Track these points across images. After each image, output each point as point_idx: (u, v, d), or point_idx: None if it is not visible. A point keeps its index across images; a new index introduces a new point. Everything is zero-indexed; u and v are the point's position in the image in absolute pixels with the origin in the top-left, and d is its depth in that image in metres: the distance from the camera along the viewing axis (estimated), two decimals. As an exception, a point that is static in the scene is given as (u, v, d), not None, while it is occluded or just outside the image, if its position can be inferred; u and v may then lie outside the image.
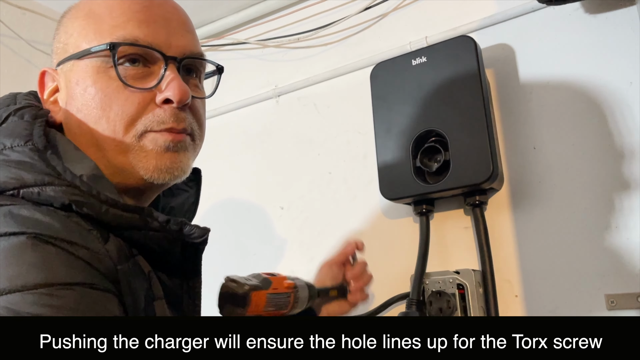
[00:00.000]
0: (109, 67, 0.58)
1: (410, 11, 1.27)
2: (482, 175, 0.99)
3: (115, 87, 0.58)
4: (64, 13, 0.65)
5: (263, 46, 1.50)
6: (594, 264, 0.97)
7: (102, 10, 0.60)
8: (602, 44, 1.03)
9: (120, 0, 0.61)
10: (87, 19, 0.61)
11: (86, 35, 0.60)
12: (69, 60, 0.60)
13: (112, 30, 0.59)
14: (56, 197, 0.50)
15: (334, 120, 1.34)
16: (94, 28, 0.60)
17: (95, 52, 0.58)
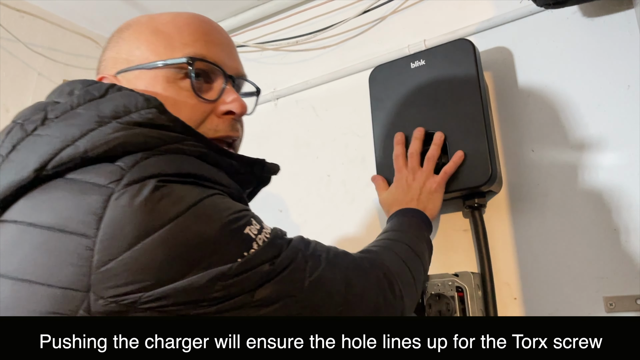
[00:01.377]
0: (179, 78, 0.67)
1: (408, 14, 1.28)
2: (481, 178, 0.99)
3: (184, 96, 0.67)
4: (122, 28, 0.72)
5: (261, 49, 1.50)
6: (592, 267, 0.97)
7: (170, 30, 0.69)
8: (600, 47, 1.03)
9: (186, 23, 0.70)
10: (155, 36, 0.69)
11: (155, 50, 0.68)
12: (136, 69, 0.68)
13: (182, 48, 0.68)
14: (192, 150, 0.60)
15: (333, 123, 1.34)
16: (164, 44, 0.68)
17: (170, 64, 0.67)
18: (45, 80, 1.44)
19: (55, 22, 1.47)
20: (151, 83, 0.67)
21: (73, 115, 0.57)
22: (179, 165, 0.56)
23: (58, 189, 0.53)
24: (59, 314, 0.48)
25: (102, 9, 1.48)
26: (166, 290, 0.49)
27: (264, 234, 0.58)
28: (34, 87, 1.41)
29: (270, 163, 0.74)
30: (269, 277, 0.55)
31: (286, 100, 1.43)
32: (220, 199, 0.57)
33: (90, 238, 0.49)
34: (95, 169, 0.54)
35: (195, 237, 0.52)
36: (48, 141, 0.55)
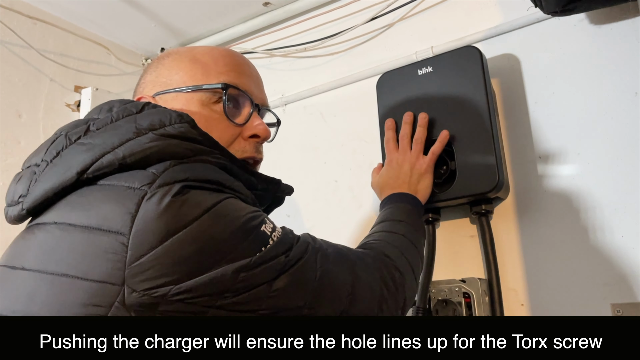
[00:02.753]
0: (213, 102, 0.75)
1: (416, 21, 1.28)
2: (488, 184, 0.99)
3: (216, 118, 0.74)
4: (163, 56, 0.80)
5: (270, 55, 1.51)
6: (599, 273, 0.96)
7: (207, 59, 0.77)
8: (607, 54, 1.03)
9: (222, 55, 0.78)
10: (193, 63, 0.76)
11: (193, 75, 0.75)
12: (173, 92, 0.75)
13: (217, 75, 0.75)
14: (217, 162, 0.66)
15: (340, 128, 1.34)
16: (201, 71, 0.75)
17: (206, 88, 0.74)
18: (57, 86, 1.46)
19: (67, 28, 1.49)
20: (186, 104, 0.74)
21: (113, 127, 0.64)
22: (204, 173, 0.61)
23: (95, 192, 0.59)
24: (96, 305, 0.53)
25: (113, 16, 1.50)
26: (194, 283, 0.54)
27: (277, 231, 0.63)
28: (46, 93, 1.43)
29: (285, 184, 0.80)
30: (285, 268, 0.60)
31: (294, 106, 1.44)
32: (236, 201, 0.62)
33: (125, 235, 0.54)
34: (130, 175, 0.59)
35: (218, 234, 0.57)
36: (90, 148, 0.61)
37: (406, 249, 0.84)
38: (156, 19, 1.52)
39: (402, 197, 0.97)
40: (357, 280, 0.68)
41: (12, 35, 1.36)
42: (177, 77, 0.76)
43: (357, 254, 0.73)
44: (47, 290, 0.55)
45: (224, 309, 0.56)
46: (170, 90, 0.75)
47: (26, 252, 0.59)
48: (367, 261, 0.74)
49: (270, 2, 1.45)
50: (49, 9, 1.45)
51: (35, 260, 0.57)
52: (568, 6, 0.95)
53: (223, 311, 0.56)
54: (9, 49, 1.36)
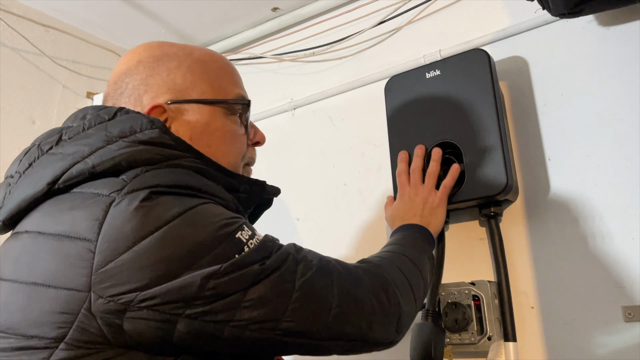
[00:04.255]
0: (231, 114, 0.76)
1: (424, 25, 1.29)
2: (497, 187, 0.99)
3: (236, 130, 0.76)
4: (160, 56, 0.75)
5: (279, 60, 1.52)
6: (610, 276, 0.96)
7: (216, 69, 0.77)
8: (615, 56, 1.03)
9: (225, 64, 0.79)
10: (207, 74, 0.75)
11: (211, 87, 0.75)
12: (194, 102, 0.73)
13: (232, 88, 0.77)
14: (191, 166, 0.65)
15: (349, 132, 1.35)
16: (219, 83, 0.76)
17: (231, 102, 0.76)
18: (69, 92, 1.48)
19: (79, 36, 1.51)
20: (212, 117, 0.74)
21: (84, 135, 0.63)
22: (176, 177, 0.60)
23: (66, 201, 0.59)
24: (66, 313, 0.53)
25: (124, 22, 1.51)
26: (161, 289, 0.52)
27: (255, 239, 0.60)
28: (59, 99, 1.45)
29: (271, 186, 0.78)
30: (260, 277, 0.57)
31: (303, 110, 1.45)
32: (213, 206, 0.60)
33: (92, 242, 0.54)
34: (101, 182, 0.59)
35: (188, 239, 0.55)
36: (61, 158, 0.61)
37: (407, 269, 0.79)
38: (166, 25, 1.53)
39: (412, 227, 0.95)
40: (343, 294, 0.63)
41: (26, 43, 1.38)
42: (195, 86, 0.74)
43: (347, 267, 0.69)
44: (22, 299, 0.55)
45: (195, 319, 0.54)
46: (190, 101, 0.73)
47: (3, 262, 0.60)
48: (358, 274, 0.69)
49: (278, 7, 1.46)
50: (61, 16, 1.47)
51: (10, 270, 0.58)
52: (576, 8, 0.95)
53: (194, 321, 0.54)
54: (23, 56, 1.38)
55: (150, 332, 0.53)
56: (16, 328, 0.54)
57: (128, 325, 0.53)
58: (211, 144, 0.72)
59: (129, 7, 1.43)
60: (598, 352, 0.94)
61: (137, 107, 0.71)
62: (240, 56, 1.59)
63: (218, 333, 0.55)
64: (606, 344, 0.94)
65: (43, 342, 0.53)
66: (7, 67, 1.34)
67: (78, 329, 0.52)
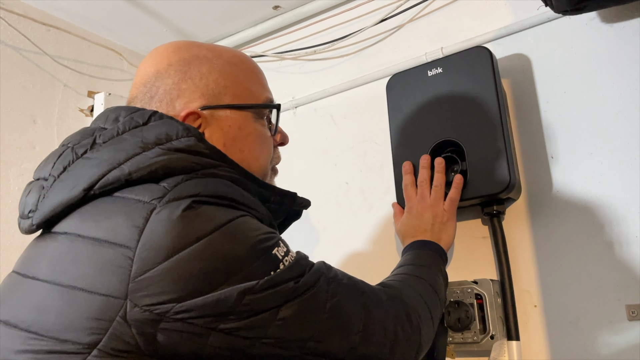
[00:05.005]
0: (260, 118, 0.76)
1: (425, 23, 1.28)
2: (500, 185, 0.99)
3: (265, 133, 0.77)
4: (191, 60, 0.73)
5: (280, 59, 1.52)
6: (614, 274, 0.95)
7: (246, 72, 0.76)
8: (618, 53, 1.03)
9: (253, 66, 0.79)
10: (238, 78, 0.75)
11: (243, 92, 0.74)
12: (226, 108, 0.72)
13: (262, 92, 0.77)
14: (226, 175, 0.64)
15: (351, 131, 1.35)
16: (250, 88, 0.75)
17: (262, 107, 0.76)
18: (70, 92, 1.48)
19: (80, 35, 1.51)
20: (244, 122, 0.73)
21: (119, 140, 0.63)
22: (217, 187, 0.60)
23: (106, 205, 0.59)
24: (101, 320, 0.52)
25: (125, 21, 1.51)
26: (197, 302, 0.52)
27: (290, 256, 0.60)
28: (60, 98, 1.45)
29: (302, 198, 0.78)
30: (294, 295, 0.57)
31: (305, 109, 1.44)
32: (251, 220, 0.60)
33: (131, 249, 0.53)
34: (143, 188, 0.58)
35: (226, 253, 0.55)
36: (97, 164, 0.61)
37: (426, 293, 0.80)
38: (168, 24, 1.53)
39: (424, 244, 0.95)
40: (370, 317, 0.64)
41: (27, 42, 1.38)
42: (227, 91, 0.73)
43: (374, 290, 0.70)
44: (56, 302, 0.55)
45: (227, 333, 0.54)
46: (222, 106, 0.72)
47: (37, 261, 0.60)
48: (383, 298, 0.70)
49: (280, 5, 1.45)
50: (63, 15, 1.47)
51: (46, 271, 0.57)
52: (579, 5, 0.94)
53: (227, 336, 0.54)
54: (24, 56, 1.38)
55: (182, 344, 0.53)
56: (50, 331, 0.54)
57: (161, 335, 0.52)
58: (244, 149, 0.72)
59: (130, 6, 1.43)
60: (602, 351, 0.94)
61: (169, 112, 0.70)
62: (241, 55, 1.58)
63: (248, 349, 0.55)
64: (610, 343, 0.93)
65: (76, 347, 0.52)
66: (8, 66, 1.34)
67: (112, 337, 0.52)
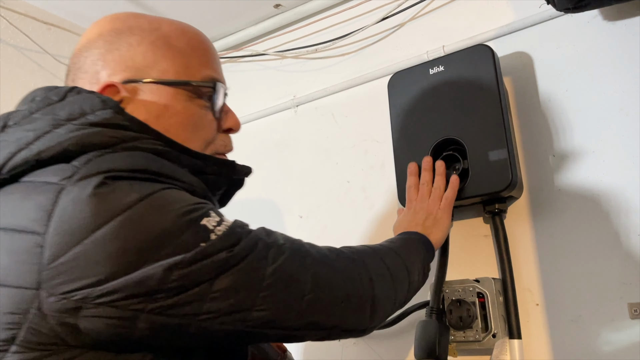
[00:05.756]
0: (198, 98, 0.69)
1: (427, 21, 1.28)
2: (501, 183, 0.98)
3: (202, 115, 0.69)
4: (122, 30, 0.68)
5: (281, 57, 1.52)
6: (616, 273, 0.95)
7: (183, 46, 0.69)
8: (620, 51, 1.02)
9: (198, 41, 0.72)
10: (171, 51, 0.68)
11: (174, 67, 0.68)
12: (152, 83, 0.66)
13: (201, 69, 0.70)
14: (149, 148, 0.60)
15: (352, 129, 1.35)
16: (184, 63, 0.69)
17: (194, 84, 0.68)
18: (71, 91, 1.48)
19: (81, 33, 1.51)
20: (172, 100, 0.67)
21: (30, 120, 0.58)
22: (134, 161, 0.56)
23: (14, 192, 0.54)
24: (15, 314, 0.49)
25: (126, 20, 1.51)
26: (119, 283, 0.48)
27: (224, 225, 0.55)
28: (61, 97, 1.45)
29: (241, 165, 0.72)
30: (228, 265, 0.53)
31: (306, 107, 1.44)
32: (175, 191, 0.56)
33: (40, 234, 0.49)
34: (50, 169, 0.54)
35: (148, 228, 0.51)
36: (5, 146, 0.56)
37: (392, 262, 0.76)
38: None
39: (410, 232, 0.93)
40: (317, 279, 0.60)
41: (28, 41, 1.38)
42: (157, 66, 0.67)
43: (321, 251, 0.65)
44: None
45: (159, 314, 0.50)
46: (147, 81, 0.66)
47: None
48: (331, 258, 0.65)
49: (281, 4, 1.45)
50: (64, 14, 1.47)
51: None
52: (581, 2, 0.94)
53: (158, 317, 0.50)
54: (25, 55, 1.38)
55: (109, 330, 0.49)
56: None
57: (85, 323, 0.49)
58: (169, 129, 0.65)
59: (131, 5, 1.43)
60: (603, 349, 0.94)
61: (93, 85, 0.65)
62: (242, 53, 1.58)
63: (185, 328, 0.52)
64: (612, 341, 0.93)
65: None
66: (9, 65, 1.34)
67: (30, 330, 0.49)
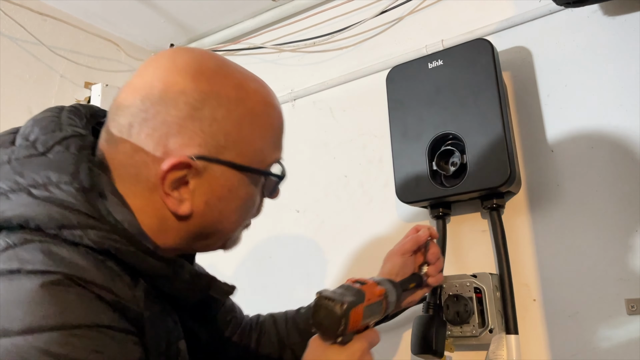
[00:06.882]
0: (257, 181, 0.64)
1: (426, 14, 1.27)
2: (500, 178, 0.98)
3: (256, 199, 0.66)
4: (209, 96, 0.60)
5: (279, 50, 1.51)
6: (613, 268, 0.95)
7: (264, 124, 0.64)
8: (620, 46, 1.02)
9: (276, 116, 0.67)
10: (252, 133, 0.62)
11: (250, 150, 0.62)
12: (226, 165, 0.61)
13: (273, 152, 0.66)
14: (97, 241, 0.52)
15: (350, 123, 1.34)
16: (260, 147, 0.63)
17: (265, 174, 0.64)
18: (67, 82, 1.47)
19: (77, 25, 1.50)
20: (238, 184, 0.62)
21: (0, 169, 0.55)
22: (56, 261, 0.49)
23: None
24: None
25: (123, 12, 1.50)
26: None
27: None
28: (57, 89, 1.44)
29: (222, 282, 0.65)
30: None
31: (303, 101, 1.44)
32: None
33: None
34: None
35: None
36: None
37: None
38: (166, 15, 1.52)
39: None
40: None
41: (23, 32, 1.37)
42: (234, 146, 0.61)
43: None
44: None
45: None
46: (222, 162, 0.60)
47: None
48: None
49: (279, -4, 1.44)
50: (59, 5, 1.45)
51: None
52: (581, -3, 0.94)
53: None
54: (20, 46, 1.37)
55: None
56: None
57: None
58: (223, 210, 0.62)
59: None
60: (601, 345, 0.94)
61: (158, 145, 0.58)
62: (240, 46, 1.57)
63: None
64: (609, 337, 0.93)
65: None
66: (4, 57, 1.33)
67: None
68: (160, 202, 0.59)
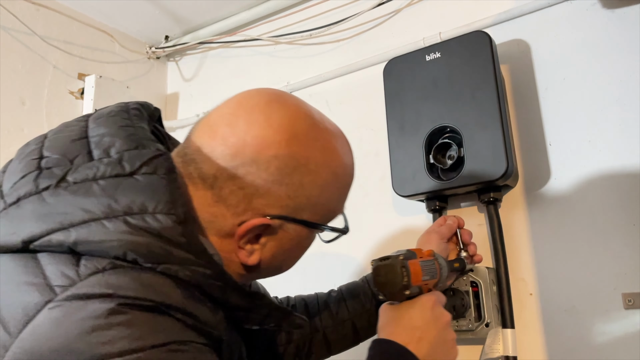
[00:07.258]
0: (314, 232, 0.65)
1: (424, 7, 1.26)
2: (497, 172, 0.97)
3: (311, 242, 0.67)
4: (301, 163, 0.59)
5: (275, 43, 1.49)
6: (610, 263, 0.95)
7: (340, 186, 0.65)
8: (619, 39, 1.01)
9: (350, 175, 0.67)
10: (330, 197, 0.64)
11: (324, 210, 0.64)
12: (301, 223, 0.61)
13: (339, 208, 0.67)
14: (190, 276, 0.52)
15: (346, 117, 1.33)
16: (332, 207, 0.65)
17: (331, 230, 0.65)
18: (60, 73, 1.45)
19: (71, 15, 1.48)
20: (305, 237, 0.64)
21: (86, 190, 0.52)
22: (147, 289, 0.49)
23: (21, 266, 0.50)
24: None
25: (117, 3, 1.48)
26: None
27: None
28: (50, 80, 1.42)
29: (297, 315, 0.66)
30: None
31: (299, 94, 1.42)
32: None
33: (12, 337, 0.45)
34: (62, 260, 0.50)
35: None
36: (47, 214, 0.51)
37: None
38: (160, 6, 1.50)
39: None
40: None
41: (16, 22, 1.35)
42: (312, 209, 0.61)
43: None
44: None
45: None
46: (298, 221, 0.61)
47: None
48: None
49: (275, -12, 1.43)
50: (52, -5, 1.44)
51: None
52: (580, -10, 0.93)
53: None
54: (13, 36, 1.35)
55: None
56: None
57: None
58: (287, 259, 0.65)
59: (122, -13, 1.40)
60: (597, 339, 0.93)
61: (241, 202, 0.58)
62: (236, 38, 1.56)
63: None
64: (606, 332, 0.93)
65: None
66: (-4, 47, 1.31)
67: None
68: (230, 247, 0.60)
